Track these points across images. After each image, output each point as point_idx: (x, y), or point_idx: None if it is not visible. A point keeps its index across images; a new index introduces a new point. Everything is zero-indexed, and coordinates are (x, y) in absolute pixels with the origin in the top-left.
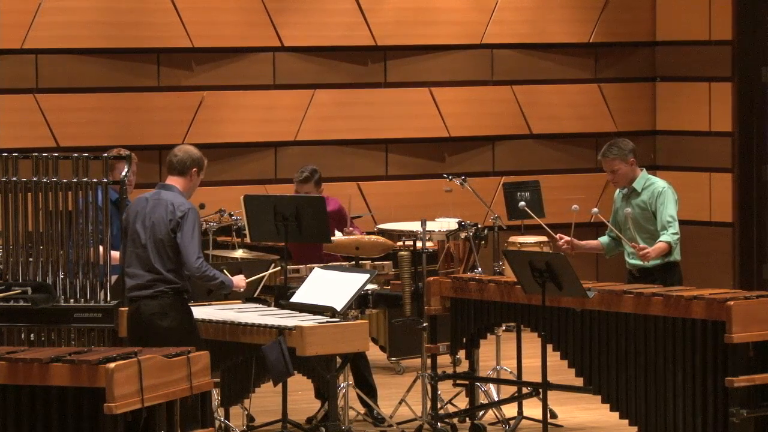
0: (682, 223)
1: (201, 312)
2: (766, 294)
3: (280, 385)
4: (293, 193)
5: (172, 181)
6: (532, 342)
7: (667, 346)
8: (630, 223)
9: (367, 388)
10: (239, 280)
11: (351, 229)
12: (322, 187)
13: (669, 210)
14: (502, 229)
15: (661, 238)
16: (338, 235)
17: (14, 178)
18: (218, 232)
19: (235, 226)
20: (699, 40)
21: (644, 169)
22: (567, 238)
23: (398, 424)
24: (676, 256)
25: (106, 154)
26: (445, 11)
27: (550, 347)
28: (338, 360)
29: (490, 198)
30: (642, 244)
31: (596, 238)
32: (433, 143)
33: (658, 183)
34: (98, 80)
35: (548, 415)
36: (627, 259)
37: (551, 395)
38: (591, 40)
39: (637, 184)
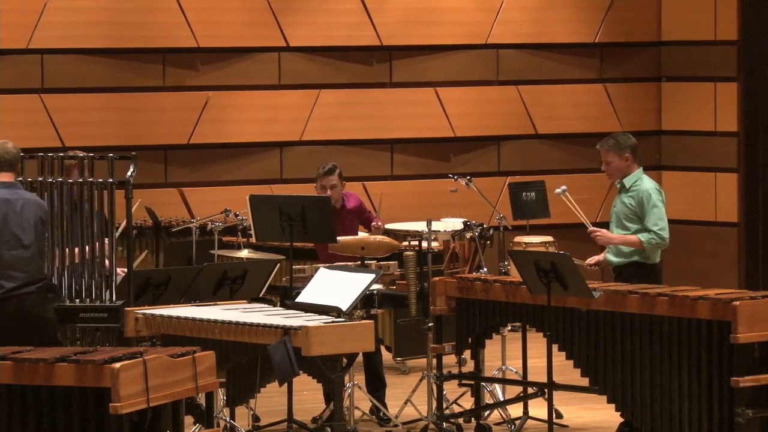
0: (687, 223)
1: (206, 312)
2: None
3: (286, 385)
4: (316, 190)
5: (9, 177)
6: (537, 342)
7: (673, 346)
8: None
9: (377, 381)
10: None
11: (379, 223)
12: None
13: (658, 215)
14: (508, 229)
15: (639, 233)
16: (361, 234)
17: (20, 179)
18: (224, 232)
19: (240, 226)
20: (704, 40)
21: (641, 168)
22: (596, 258)
23: (404, 424)
24: (654, 258)
25: (111, 155)
26: (450, 11)
27: (555, 347)
28: (344, 360)
29: (496, 198)
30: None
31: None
32: (438, 143)
33: (644, 185)
34: (103, 80)
35: (554, 415)
36: (606, 255)
37: (557, 395)
38: (596, 40)
39: (627, 181)
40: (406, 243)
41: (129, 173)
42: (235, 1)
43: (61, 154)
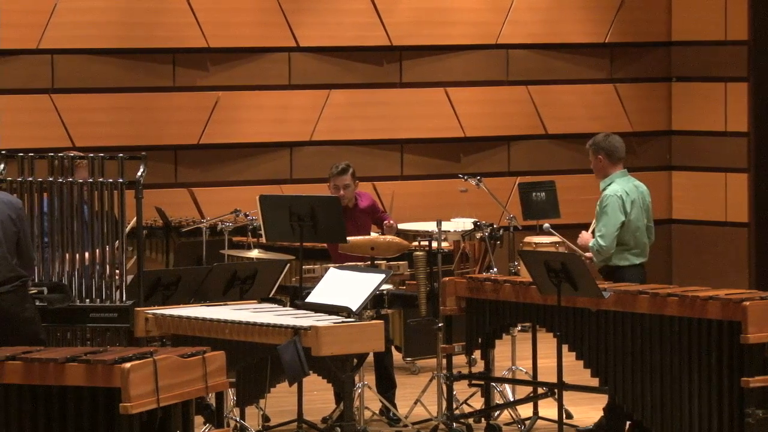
0: (697, 223)
1: (216, 312)
2: None
3: (296, 385)
4: (329, 190)
5: None
6: (547, 342)
7: (683, 346)
8: None
9: (387, 381)
10: None
11: (391, 222)
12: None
13: (603, 221)
14: (518, 229)
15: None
16: (373, 234)
17: (30, 178)
18: (234, 232)
19: (250, 226)
20: (715, 40)
21: (620, 171)
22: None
23: (414, 424)
24: (620, 261)
25: (121, 155)
26: (460, 11)
27: (565, 347)
28: (354, 360)
29: (506, 198)
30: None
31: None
32: (448, 143)
33: (609, 190)
34: (114, 80)
35: (563, 416)
36: None
37: (566, 395)
38: (606, 40)
39: (602, 183)
40: (416, 243)
41: (139, 173)
42: (245, 1)
43: (71, 154)
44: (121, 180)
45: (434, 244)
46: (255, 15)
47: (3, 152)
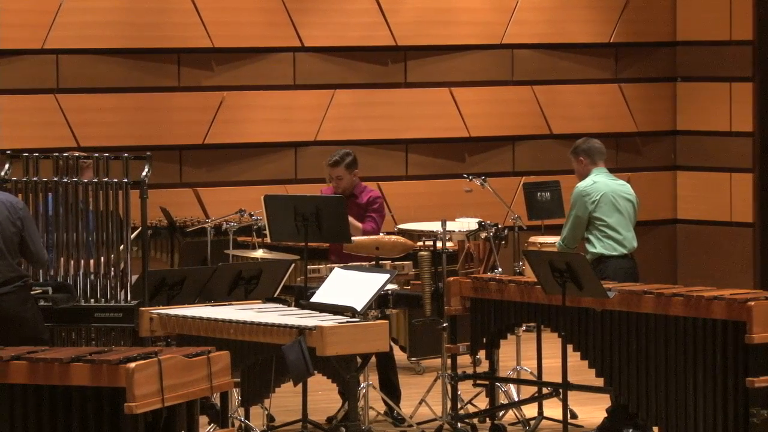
0: (702, 223)
1: (221, 312)
2: None
3: (301, 384)
4: (326, 180)
5: None
6: (552, 342)
7: (688, 346)
8: None
9: (390, 389)
10: None
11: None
12: (357, 171)
13: (568, 218)
14: (522, 229)
15: None
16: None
17: (35, 178)
18: (238, 232)
19: (255, 226)
20: (720, 40)
21: (597, 169)
22: None
23: (418, 424)
24: (605, 250)
25: (126, 155)
26: (465, 11)
27: (570, 347)
28: (359, 360)
29: (511, 198)
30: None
31: None
32: (453, 143)
33: (579, 184)
34: (119, 80)
35: (568, 416)
36: None
37: (571, 395)
38: (611, 40)
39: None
40: (420, 243)
41: (144, 173)
42: (250, 1)
43: (76, 155)
44: (125, 180)
45: (439, 244)
46: (260, 15)
47: (8, 152)
